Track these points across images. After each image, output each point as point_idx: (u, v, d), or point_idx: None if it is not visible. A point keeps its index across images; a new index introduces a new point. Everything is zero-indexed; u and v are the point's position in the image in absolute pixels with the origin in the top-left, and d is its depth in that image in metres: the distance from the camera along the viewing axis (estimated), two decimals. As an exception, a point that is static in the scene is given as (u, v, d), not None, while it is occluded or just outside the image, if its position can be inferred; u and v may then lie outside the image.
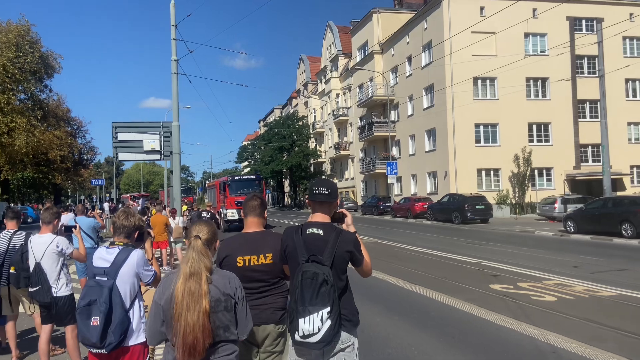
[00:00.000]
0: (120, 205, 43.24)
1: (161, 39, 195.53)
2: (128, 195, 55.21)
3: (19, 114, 29.69)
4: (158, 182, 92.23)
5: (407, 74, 38.62)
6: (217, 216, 21.21)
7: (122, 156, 18.31)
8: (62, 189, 42.45)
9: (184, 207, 20.67)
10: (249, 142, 72.18)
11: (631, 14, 32.51)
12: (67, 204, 44.83)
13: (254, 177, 30.12)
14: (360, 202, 44.29)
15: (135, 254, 3.28)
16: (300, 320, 2.69)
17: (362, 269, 2.95)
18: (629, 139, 34.88)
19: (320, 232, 2.85)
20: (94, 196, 64.23)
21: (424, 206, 30.58)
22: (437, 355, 5.67)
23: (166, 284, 2.60)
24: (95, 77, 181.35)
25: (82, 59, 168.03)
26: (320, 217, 2.97)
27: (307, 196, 3.05)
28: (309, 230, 2.88)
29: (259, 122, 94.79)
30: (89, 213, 11.53)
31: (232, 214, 25.27)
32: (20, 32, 29.75)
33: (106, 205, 34.99)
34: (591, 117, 34.25)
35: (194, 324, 2.41)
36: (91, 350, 3.17)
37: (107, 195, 63.75)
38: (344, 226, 3.03)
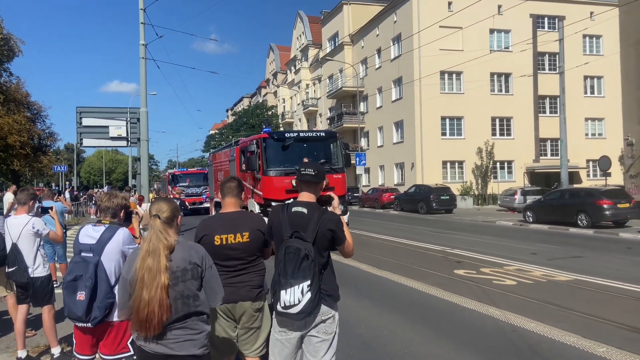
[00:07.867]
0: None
1: (128, 20, 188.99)
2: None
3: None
4: (120, 170, 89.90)
5: (377, 66, 38.99)
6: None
7: (86, 142, 17.92)
8: (20, 176, 40.85)
9: (151, 195, 20.43)
10: (217, 131, 71.34)
11: (592, 13, 33.59)
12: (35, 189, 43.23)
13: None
14: (328, 193, 44.52)
15: (122, 232, 3.36)
16: (282, 292, 2.85)
17: (343, 248, 3.11)
18: (586, 134, 36.37)
19: (304, 210, 3.02)
20: (53, 184, 62.20)
21: (391, 197, 31.12)
22: (405, 334, 5.94)
23: (132, 259, 2.66)
24: (55, 60, 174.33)
25: (42, 40, 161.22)
26: (306, 197, 3.13)
27: (295, 177, 3.19)
28: (294, 209, 3.04)
29: (227, 111, 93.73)
30: (55, 198, 11.28)
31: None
32: None
33: (67, 193, 33.99)
34: (551, 112, 35.51)
35: (150, 298, 2.43)
36: (77, 324, 3.27)
37: (68, 182, 61.88)
38: (330, 208, 3.18)
